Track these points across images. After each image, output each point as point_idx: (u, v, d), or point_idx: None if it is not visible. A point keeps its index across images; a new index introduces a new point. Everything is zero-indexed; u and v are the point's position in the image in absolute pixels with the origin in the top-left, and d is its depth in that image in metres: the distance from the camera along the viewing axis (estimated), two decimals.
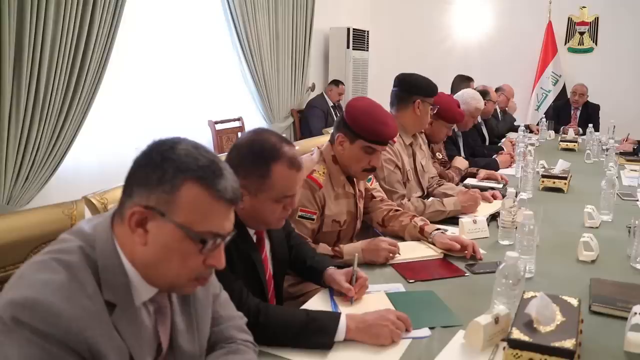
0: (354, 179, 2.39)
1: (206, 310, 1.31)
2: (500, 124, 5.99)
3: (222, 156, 1.68)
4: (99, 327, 1.01)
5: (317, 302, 1.83)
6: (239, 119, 5.70)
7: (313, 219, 2.22)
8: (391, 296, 1.86)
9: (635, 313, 1.60)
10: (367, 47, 7.72)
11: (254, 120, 5.95)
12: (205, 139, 5.23)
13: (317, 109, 6.45)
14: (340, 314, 1.59)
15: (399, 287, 1.95)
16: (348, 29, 7.21)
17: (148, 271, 1.10)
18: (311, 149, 2.42)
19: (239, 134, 5.38)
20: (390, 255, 2.17)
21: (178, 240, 1.06)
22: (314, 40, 6.75)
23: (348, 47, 7.25)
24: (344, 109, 2.32)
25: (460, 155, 4.01)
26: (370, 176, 2.50)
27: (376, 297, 1.85)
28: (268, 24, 5.85)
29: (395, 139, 2.81)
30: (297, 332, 1.54)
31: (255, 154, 1.62)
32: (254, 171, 1.60)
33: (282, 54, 6.16)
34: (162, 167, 1.06)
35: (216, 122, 5.36)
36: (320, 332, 1.54)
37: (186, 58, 4.95)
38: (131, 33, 4.21)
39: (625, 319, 1.62)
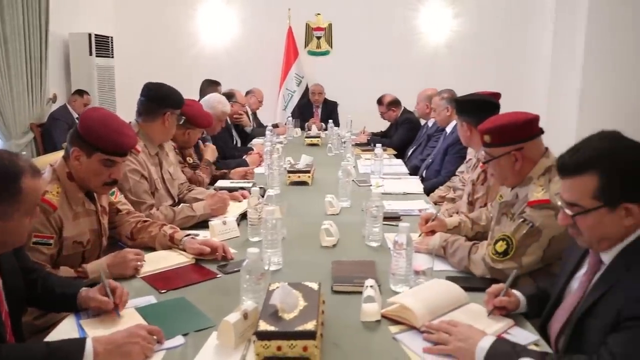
0: (95, 195, 2.25)
1: None
2: (254, 129, 6.17)
3: None
4: None
5: (63, 331, 1.70)
6: None
7: (50, 244, 2.05)
8: (141, 310, 1.81)
9: (367, 286, 1.78)
10: (112, 54, 7.38)
11: None
12: None
13: (61, 122, 5.96)
14: (85, 338, 1.50)
15: (150, 299, 1.90)
16: (90, 35, 6.78)
17: None
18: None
19: None
20: (139, 264, 2.11)
21: None
22: (51, 47, 6.20)
23: (91, 54, 6.81)
24: (77, 122, 2.17)
25: None
26: (113, 189, 2.38)
27: (126, 314, 1.77)
28: None
29: (139, 148, 2.74)
30: None
31: None
32: (3, 195, 1.51)
33: (13, 62, 5.52)
34: None
35: None
36: None
37: None
38: None
39: (362, 293, 1.78)
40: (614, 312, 1.39)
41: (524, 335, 1.65)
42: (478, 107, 2.75)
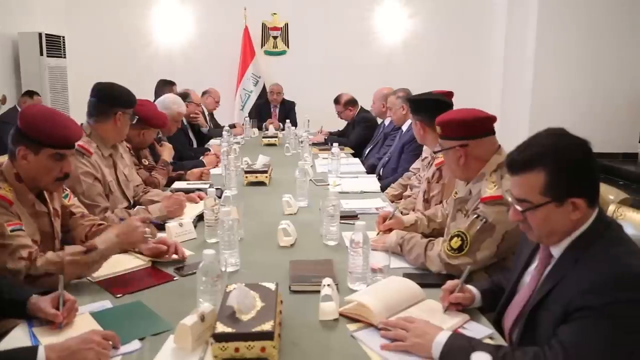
0: (46, 196, 2.19)
1: None
2: (211, 130, 6.12)
3: None
4: None
5: (15, 339, 1.65)
6: None
7: (23, 230, 1.99)
8: (96, 315, 1.77)
9: (324, 285, 1.78)
10: (64, 54, 7.21)
11: None
12: None
13: (11, 126, 5.72)
14: (37, 347, 1.46)
15: (105, 304, 1.86)
16: (40, 34, 6.60)
17: None
18: None
19: None
20: (147, 230, 2.10)
21: None
22: None
23: (42, 54, 6.63)
24: (18, 121, 2.11)
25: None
26: (66, 192, 2.33)
27: (80, 320, 1.74)
28: None
29: (92, 150, 2.68)
30: None
31: None
32: None
33: None
34: None
35: None
36: None
37: None
38: None
39: (319, 292, 1.78)
40: (563, 304, 1.43)
41: (479, 329, 1.68)
42: (431, 106, 2.79)
